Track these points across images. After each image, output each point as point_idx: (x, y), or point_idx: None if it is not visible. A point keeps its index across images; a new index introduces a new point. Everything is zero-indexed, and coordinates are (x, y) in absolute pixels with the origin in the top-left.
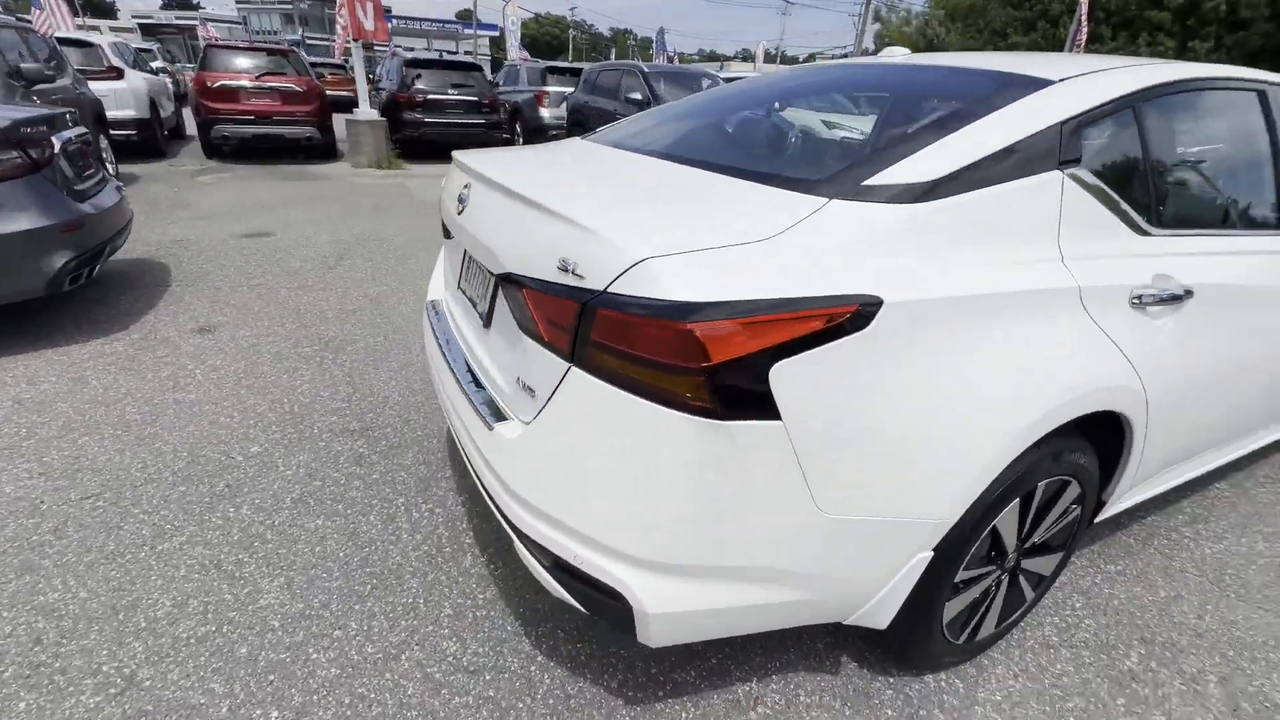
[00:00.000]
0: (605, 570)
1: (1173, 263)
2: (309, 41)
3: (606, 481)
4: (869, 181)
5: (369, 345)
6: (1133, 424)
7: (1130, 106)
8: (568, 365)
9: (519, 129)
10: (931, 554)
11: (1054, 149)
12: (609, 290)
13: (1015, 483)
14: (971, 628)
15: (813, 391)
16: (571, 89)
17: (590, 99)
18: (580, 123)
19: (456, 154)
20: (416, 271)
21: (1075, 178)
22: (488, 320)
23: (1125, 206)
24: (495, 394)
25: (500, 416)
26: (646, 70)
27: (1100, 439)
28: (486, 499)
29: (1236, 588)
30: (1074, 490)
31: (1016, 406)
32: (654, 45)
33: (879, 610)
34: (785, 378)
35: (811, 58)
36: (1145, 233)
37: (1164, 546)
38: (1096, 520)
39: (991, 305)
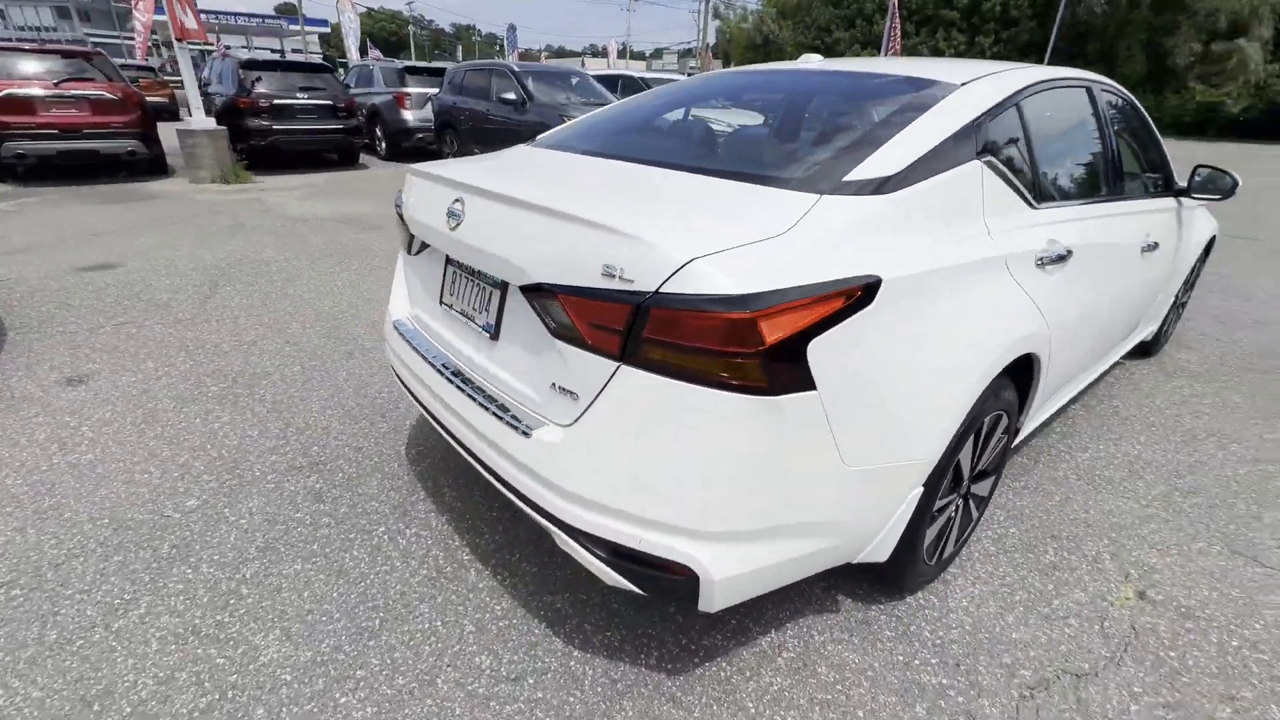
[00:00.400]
0: (671, 548)
1: (1055, 229)
2: (92, 40)
3: (666, 465)
4: (846, 178)
5: (286, 376)
6: (1041, 361)
7: (1015, 104)
8: (616, 364)
9: (379, 133)
10: (922, 489)
11: (972, 142)
12: (661, 290)
13: (973, 420)
14: (940, 550)
15: (837, 362)
16: (435, 90)
17: (459, 100)
18: (450, 124)
19: (416, 167)
20: (311, 293)
21: (990, 164)
22: (495, 332)
23: (1020, 186)
24: (515, 402)
25: (530, 423)
26: (518, 70)
27: (1016, 377)
28: (521, 504)
29: (1105, 484)
30: (1004, 421)
31: (978, 356)
32: (504, 42)
33: (883, 545)
34: (818, 352)
35: (658, 53)
36: (1035, 206)
37: (1048, 461)
38: (1014, 445)
39: (952, 275)
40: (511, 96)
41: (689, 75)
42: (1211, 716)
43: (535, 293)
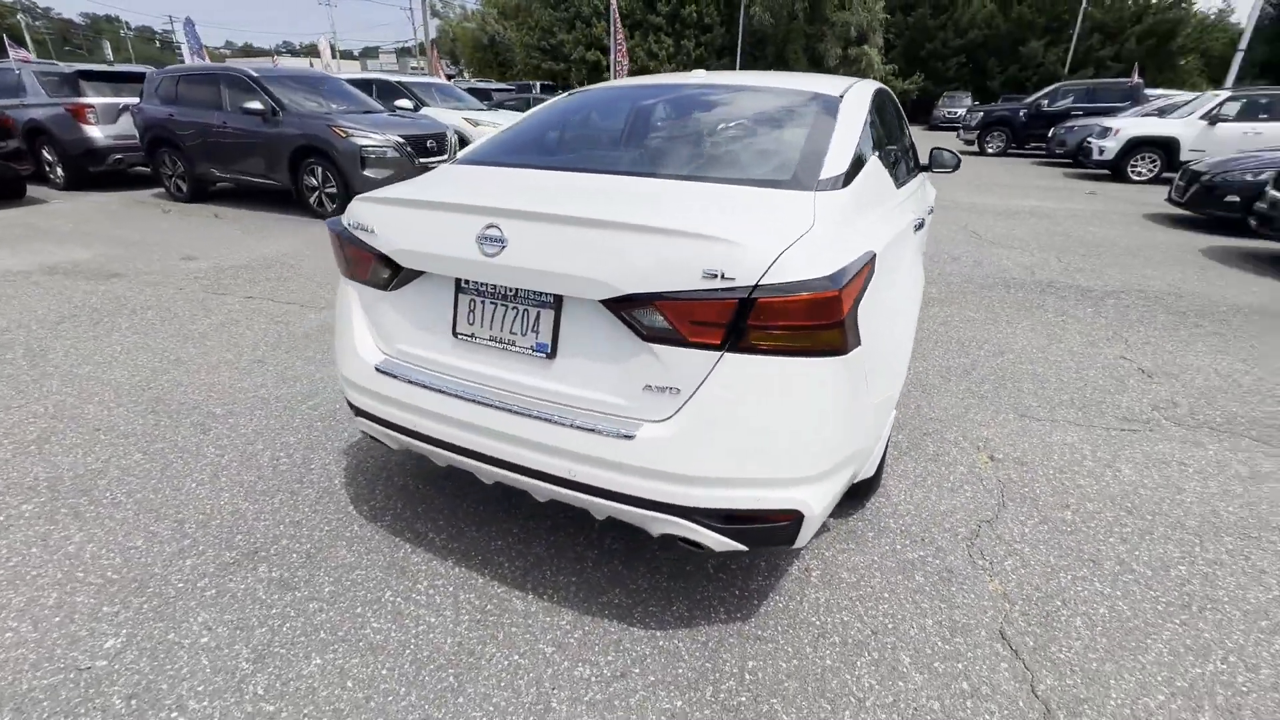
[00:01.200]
0: (782, 498)
1: (904, 204)
2: None
3: (773, 430)
4: (821, 177)
5: (129, 468)
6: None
7: (874, 108)
8: (719, 354)
9: (49, 155)
10: (895, 412)
11: (869, 140)
12: (761, 283)
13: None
14: (883, 462)
15: (867, 321)
16: (132, 100)
17: (176, 112)
18: (167, 141)
19: (385, 196)
20: (83, 366)
21: (879, 157)
22: (551, 351)
23: (889, 172)
24: (593, 412)
25: (625, 427)
26: (258, 76)
27: None
28: (618, 504)
29: (934, 389)
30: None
31: (913, 305)
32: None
33: (873, 462)
34: (861, 315)
35: (371, 52)
36: (897, 188)
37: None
38: None
39: (895, 244)
40: (257, 106)
41: (413, 73)
42: (1061, 517)
43: (624, 304)
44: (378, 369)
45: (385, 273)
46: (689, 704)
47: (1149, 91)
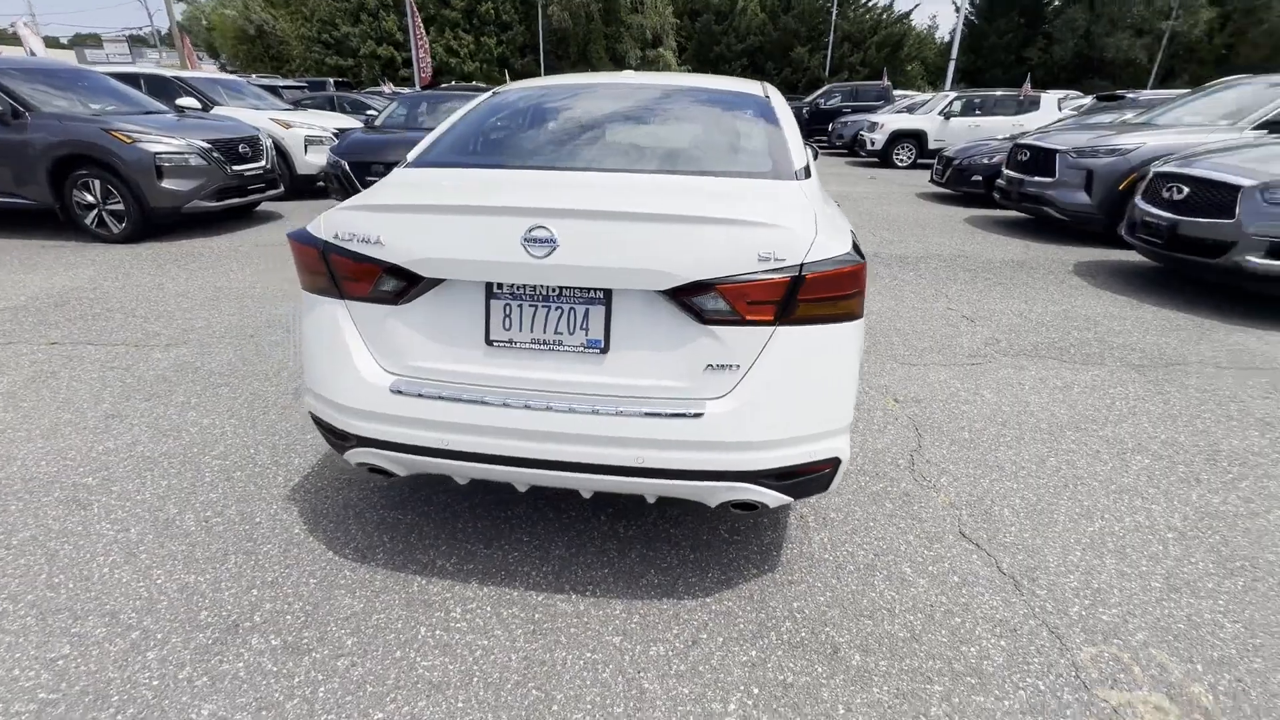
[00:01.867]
0: (827, 448)
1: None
2: None
3: (818, 389)
4: (795, 169)
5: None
6: None
7: (793, 107)
8: (772, 329)
9: None
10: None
11: (803, 134)
12: (805, 262)
13: None
14: None
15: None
16: None
17: None
18: None
19: (402, 204)
20: None
21: (809, 145)
22: (605, 345)
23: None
24: (654, 398)
25: (688, 407)
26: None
27: None
28: (689, 481)
29: None
30: None
31: None
32: None
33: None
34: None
35: (90, 39)
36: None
37: None
38: None
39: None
40: None
41: (164, 67)
42: (963, 437)
43: (684, 291)
44: (393, 390)
45: (395, 286)
46: (762, 651)
47: (896, 92)
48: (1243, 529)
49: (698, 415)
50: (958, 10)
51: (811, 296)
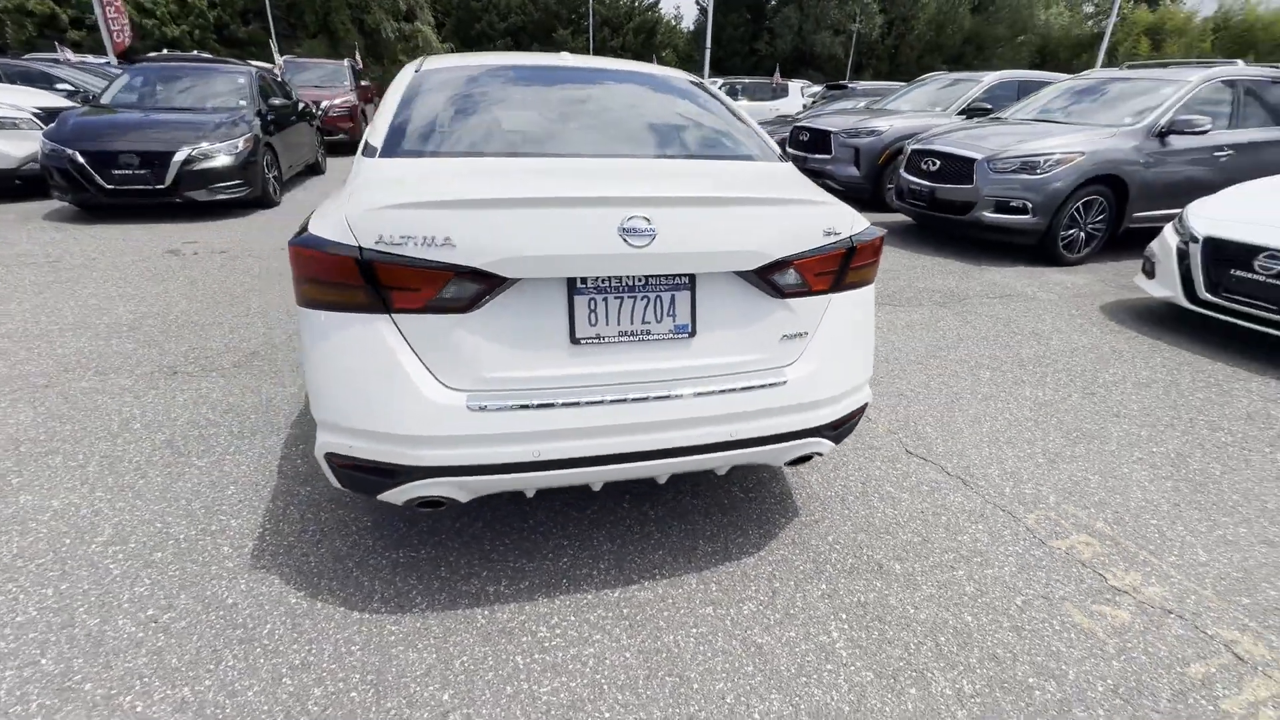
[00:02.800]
0: (862, 396)
1: None
2: None
3: (859, 345)
4: (778, 153)
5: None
6: None
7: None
8: (829, 297)
9: None
10: None
11: None
12: (854, 234)
13: None
14: None
15: None
16: None
17: None
18: None
19: (450, 199)
20: None
21: None
22: (692, 329)
23: None
24: (738, 373)
25: (770, 377)
26: None
27: None
28: (769, 446)
29: None
30: None
31: None
32: None
33: None
34: None
35: None
36: None
37: None
38: None
39: None
40: None
41: None
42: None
43: (767, 269)
44: (472, 408)
45: (467, 292)
46: (830, 581)
47: None
48: (1065, 409)
49: (782, 383)
50: (698, 3)
51: (858, 264)
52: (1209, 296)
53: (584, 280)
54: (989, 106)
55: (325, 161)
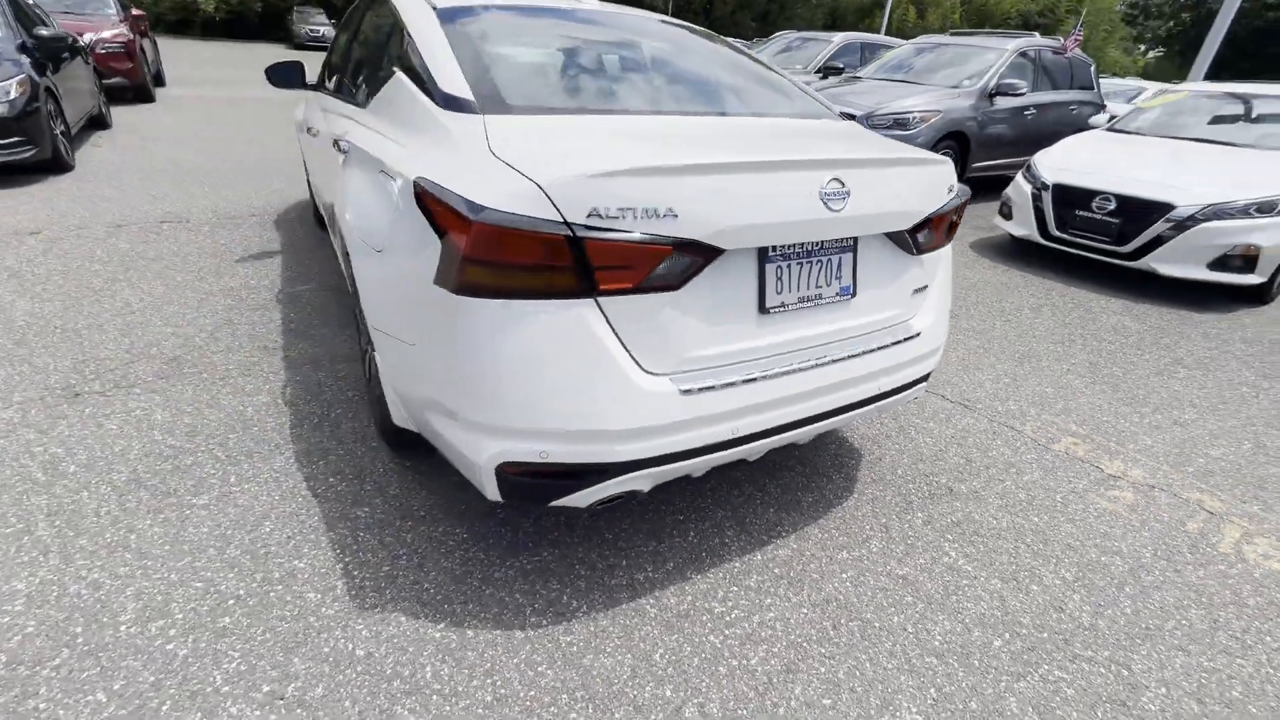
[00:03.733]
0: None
1: None
2: None
3: (948, 296)
4: (836, 109)
5: None
6: None
7: None
8: (942, 251)
9: None
10: None
11: None
12: (959, 189)
13: None
14: None
15: None
16: None
17: None
18: None
19: (664, 166)
20: None
21: None
22: (853, 290)
23: None
24: (884, 328)
25: (906, 330)
26: None
27: None
28: (897, 396)
29: None
30: None
31: None
32: None
33: None
34: None
35: None
36: None
37: None
38: None
39: None
40: None
41: None
42: None
43: (916, 226)
44: (683, 392)
45: (679, 267)
46: (921, 509)
47: None
48: (997, 336)
49: (916, 335)
50: None
51: (959, 220)
52: (1059, 233)
53: (774, 248)
54: (840, 66)
55: (110, 112)
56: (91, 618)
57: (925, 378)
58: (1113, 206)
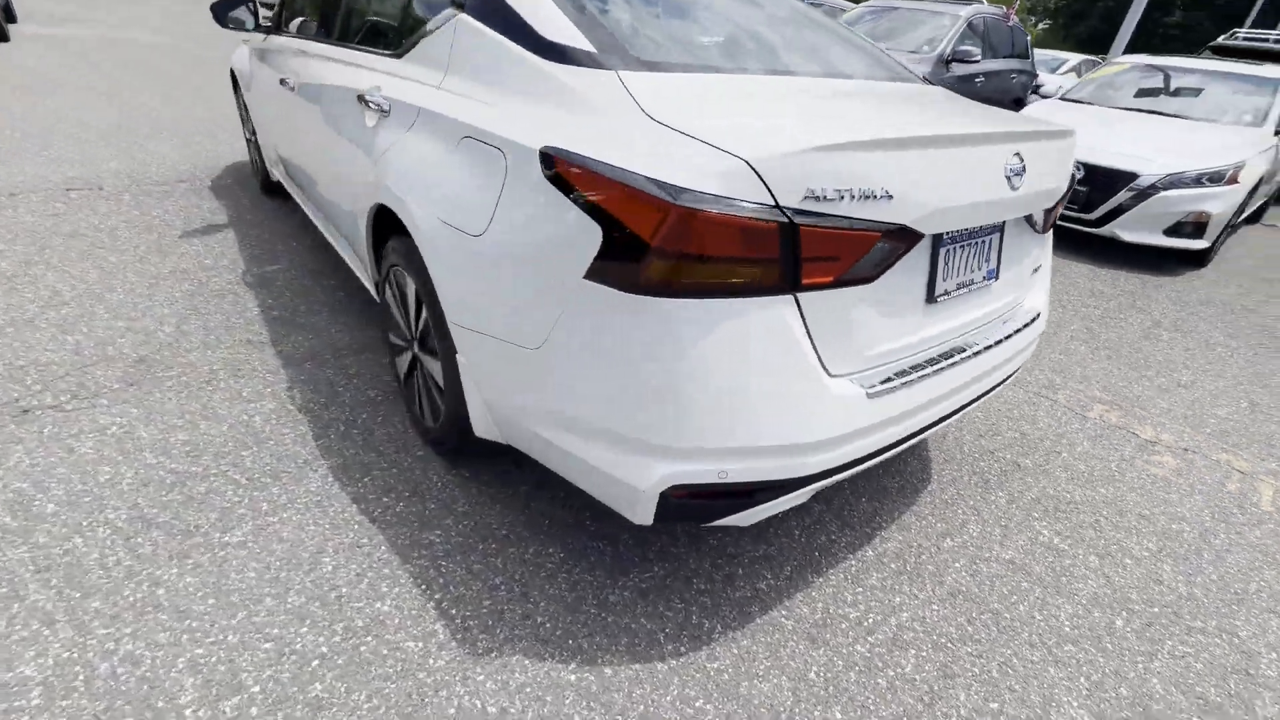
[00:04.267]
0: None
1: None
2: None
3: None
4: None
5: None
6: None
7: None
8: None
9: None
10: None
11: None
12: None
13: None
14: None
15: None
16: None
17: None
18: None
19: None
20: None
21: None
22: (996, 273)
23: None
24: (1015, 307)
25: (1025, 311)
26: None
27: None
28: (1017, 374)
29: None
30: None
31: None
32: None
33: None
34: None
35: None
36: None
37: None
38: None
39: None
40: None
41: None
42: None
43: (1054, 205)
44: (869, 394)
45: (878, 256)
46: (1001, 488)
47: None
48: None
49: (1038, 316)
50: None
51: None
52: None
53: (950, 232)
54: None
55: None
56: (142, 705)
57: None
58: (1081, 175)
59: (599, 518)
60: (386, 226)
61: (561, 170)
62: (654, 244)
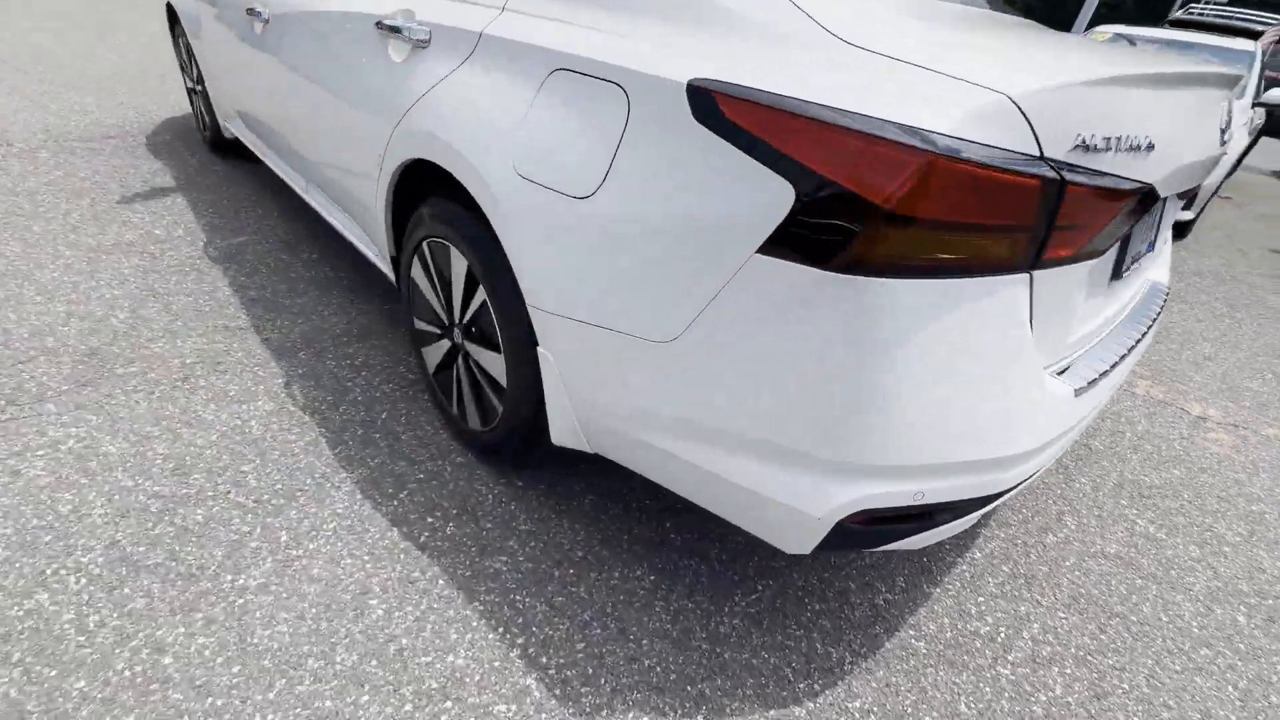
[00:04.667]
0: None
1: None
2: None
3: None
4: None
5: None
6: None
7: None
8: None
9: None
10: None
11: None
12: None
13: None
14: None
15: None
16: None
17: None
18: None
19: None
20: None
21: None
22: (1154, 243)
23: None
24: (1157, 291)
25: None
26: None
27: None
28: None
29: None
30: None
31: None
32: None
33: None
34: None
35: None
36: None
37: None
38: None
39: None
40: None
41: None
42: None
43: None
44: (1076, 391)
45: (1122, 220)
46: (1082, 477)
47: None
48: None
49: (1169, 290)
50: None
51: None
52: None
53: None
54: None
55: None
56: None
57: None
58: None
59: (683, 529)
60: (414, 189)
61: (729, 111)
62: (886, 206)
